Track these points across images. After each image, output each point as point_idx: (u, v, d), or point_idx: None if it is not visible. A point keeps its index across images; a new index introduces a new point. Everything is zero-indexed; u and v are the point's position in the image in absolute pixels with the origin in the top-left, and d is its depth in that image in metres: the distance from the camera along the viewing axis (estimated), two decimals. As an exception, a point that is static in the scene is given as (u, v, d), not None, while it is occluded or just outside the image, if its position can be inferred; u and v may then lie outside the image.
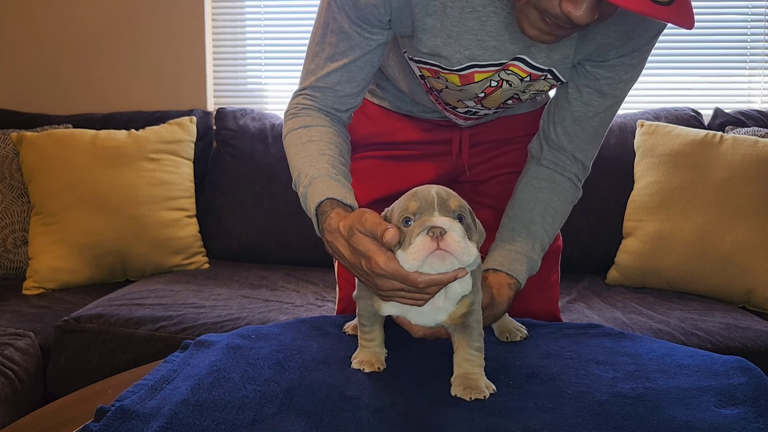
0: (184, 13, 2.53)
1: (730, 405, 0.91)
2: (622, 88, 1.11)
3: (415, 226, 0.81)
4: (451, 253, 0.79)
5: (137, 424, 0.86)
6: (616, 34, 1.03)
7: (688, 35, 2.47)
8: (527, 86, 1.07)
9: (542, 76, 1.06)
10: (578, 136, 1.14)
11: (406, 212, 0.83)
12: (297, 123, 1.08)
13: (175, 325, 1.70)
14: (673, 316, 1.77)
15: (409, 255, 0.80)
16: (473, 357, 0.91)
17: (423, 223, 0.80)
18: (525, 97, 1.12)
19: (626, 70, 1.08)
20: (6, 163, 2.21)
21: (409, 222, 0.83)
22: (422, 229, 0.80)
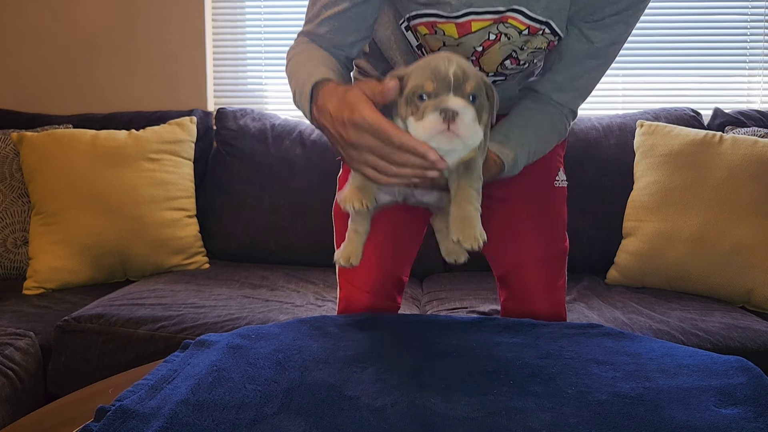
0: (184, 13, 2.53)
1: (729, 405, 0.91)
2: (614, 50, 1.14)
3: (430, 104, 0.83)
4: (459, 136, 0.82)
5: (137, 424, 0.86)
6: None
7: (688, 35, 2.47)
8: (525, 41, 1.08)
9: (540, 30, 1.06)
10: (568, 92, 1.17)
11: (422, 89, 0.84)
12: (297, 50, 1.12)
13: (175, 325, 1.70)
14: (673, 316, 1.77)
15: (420, 128, 0.83)
16: (473, 198, 0.91)
17: (438, 104, 0.82)
18: (523, 57, 1.11)
19: (621, 30, 1.10)
20: (6, 163, 2.21)
21: (423, 98, 0.84)
22: (436, 108, 0.82)
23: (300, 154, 2.28)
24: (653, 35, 2.48)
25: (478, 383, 0.97)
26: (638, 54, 2.49)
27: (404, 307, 1.89)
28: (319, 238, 2.23)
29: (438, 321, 1.27)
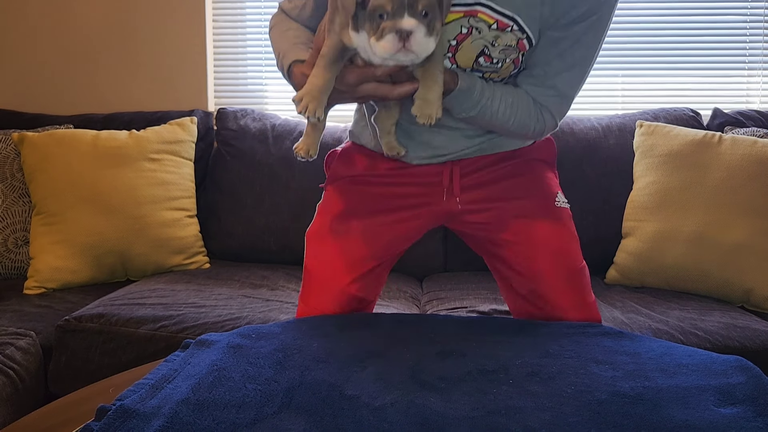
0: (184, 13, 2.53)
1: (729, 404, 0.91)
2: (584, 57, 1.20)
3: (387, 25, 0.95)
4: (414, 51, 0.96)
5: (138, 423, 0.86)
6: None
7: (687, 35, 2.47)
8: (495, 37, 1.14)
9: (508, 26, 1.13)
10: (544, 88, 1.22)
11: (381, 9, 0.96)
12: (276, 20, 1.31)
13: (175, 324, 1.70)
14: (672, 315, 1.77)
15: (379, 47, 0.97)
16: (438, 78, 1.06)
17: (394, 25, 0.95)
18: (495, 55, 1.16)
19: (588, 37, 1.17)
20: (7, 164, 2.21)
21: (383, 17, 0.96)
22: (392, 29, 0.95)
23: (300, 154, 2.28)
24: (653, 35, 2.48)
25: (478, 382, 0.97)
26: (638, 54, 2.49)
27: (404, 307, 1.89)
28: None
29: (438, 321, 1.28)
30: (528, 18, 1.14)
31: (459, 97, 1.15)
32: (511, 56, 1.17)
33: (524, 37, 1.15)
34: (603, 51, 2.50)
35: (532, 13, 1.13)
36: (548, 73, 1.21)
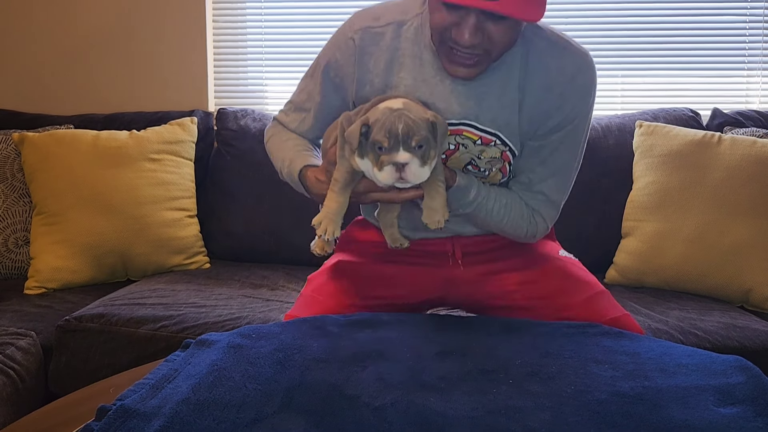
0: (185, 13, 2.53)
1: (728, 404, 0.91)
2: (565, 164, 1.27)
3: (385, 158, 1.08)
4: (408, 181, 1.09)
5: (138, 423, 0.86)
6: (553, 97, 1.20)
7: (687, 35, 2.47)
8: (480, 151, 1.23)
9: (492, 141, 1.22)
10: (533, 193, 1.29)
11: (380, 143, 1.07)
12: (272, 132, 1.41)
13: (176, 324, 1.71)
14: (672, 315, 1.77)
15: (380, 176, 1.09)
16: (440, 188, 1.16)
17: (390, 158, 1.07)
18: (482, 165, 1.25)
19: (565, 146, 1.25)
20: (8, 164, 2.21)
21: (381, 149, 1.08)
22: (389, 162, 1.07)
23: (300, 155, 2.28)
24: (653, 35, 2.48)
25: (478, 382, 0.97)
26: (637, 54, 2.49)
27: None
28: (319, 238, 2.22)
29: (438, 321, 1.28)
30: (509, 133, 1.22)
31: (456, 193, 1.21)
32: (496, 166, 1.25)
33: (507, 149, 1.24)
34: (603, 51, 2.52)
35: (512, 128, 1.22)
36: (533, 180, 1.27)
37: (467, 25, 1.06)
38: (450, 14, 1.07)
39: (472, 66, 1.13)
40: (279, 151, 1.35)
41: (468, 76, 1.15)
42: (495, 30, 1.07)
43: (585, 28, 2.48)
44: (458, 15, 1.06)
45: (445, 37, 1.10)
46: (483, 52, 1.11)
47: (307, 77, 1.36)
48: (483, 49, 1.10)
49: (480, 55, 1.11)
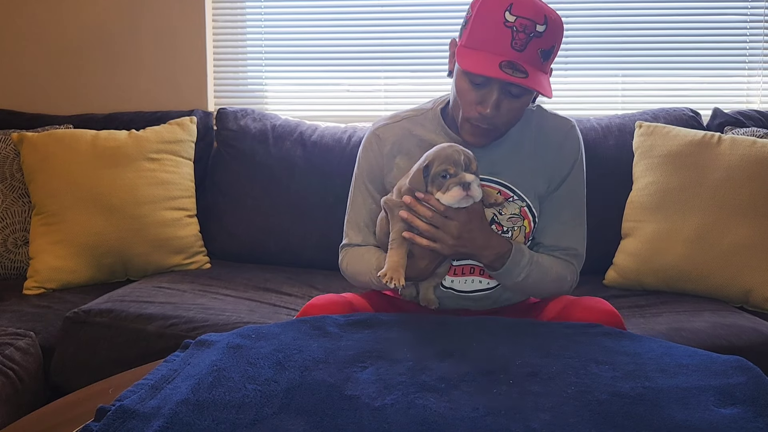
0: (184, 13, 2.53)
1: (729, 404, 0.91)
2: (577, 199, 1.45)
3: (453, 180, 1.24)
4: (473, 197, 1.25)
5: (138, 424, 0.86)
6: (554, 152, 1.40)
7: (687, 35, 2.47)
8: (500, 207, 1.37)
9: (510, 197, 1.37)
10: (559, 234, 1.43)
11: (446, 171, 1.25)
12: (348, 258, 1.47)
13: (185, 323, 1.70)
14: (672, 316, 1.77)
15: (447, 198, 1.24)
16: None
17: (459, 180, 1.24)
18: (504, 222, 1.37)
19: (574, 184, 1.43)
20: (7, 164, 2.21)
21: (446, 177, 1.24)
22: (457, 183, 1.24)
23: (300, 155, 2.28)
24: (653, 35, 2.48)
25: (478, 383, 0.97)
26: (637, 54, 2.48)
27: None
28: (318, 239, 2.23)
29: (438, 321, 1.28)
30: (524, 189, 1.38)
31: (516, 256, 1.32)
32: (517, 224, 1.38)
33: (525, 206, 1.38)
34: (603, 51, 2.52)
35: (526, 185, 1.38)
36: (559, 239, 1.42)
37: (490, 100, 1.26)
38: (476, 92, 1.27)
39: (486, 135, 1.33)
40: (361, 266, 1.42)
41: (480, 143, 1.34)
42: (509, 105, 1.28)
43: (585, 28, 2.48)
44: (483, 93, 1.26)
45: (469, 113, 1.30)
46: (495, 126, 1.31)
47: (354, 193, 1.49)
48: (495, 124, 1.30)
49: (494, 127, 1.31)
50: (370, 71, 2.58)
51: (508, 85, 1.24)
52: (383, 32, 2.57)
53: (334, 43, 2.58)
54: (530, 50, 1.22)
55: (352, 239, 1.48)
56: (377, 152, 1.44)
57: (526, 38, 1.21)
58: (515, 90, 1.25)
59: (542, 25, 1.22)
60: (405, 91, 2.57)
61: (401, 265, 1.28)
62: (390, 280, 1.25)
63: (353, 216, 1.48)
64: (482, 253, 1.30)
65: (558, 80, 2.52)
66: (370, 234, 1.45)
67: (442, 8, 2.53)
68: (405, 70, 2.57)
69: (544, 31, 1.22)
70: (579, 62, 2.51)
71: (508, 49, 1.21)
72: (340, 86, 2.61)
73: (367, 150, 1.46)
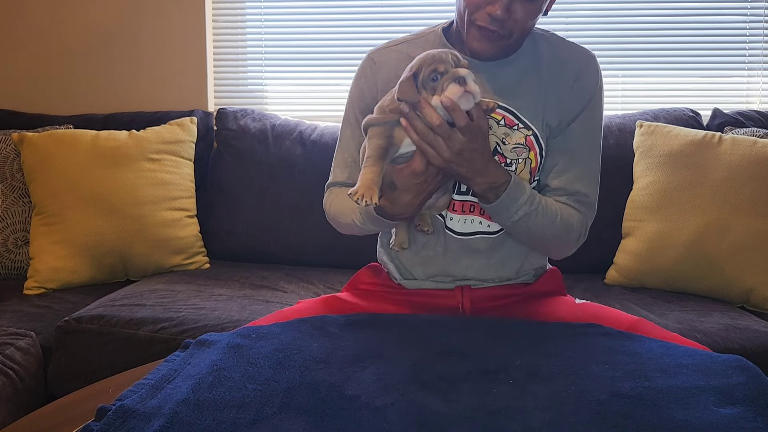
0: (184, 13, 2.53)
1: (729, 404, 0.91)
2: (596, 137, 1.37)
3: (446, 78, 1.10)
4: (472, 92, 1.10)
5: (138, 424, 0.86)
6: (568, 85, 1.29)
7: (687, 35, 2.47)
8: (504, 134, 1.26)
9: (515, 124, 1.26)
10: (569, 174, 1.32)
11: (435, 71, 1.11)
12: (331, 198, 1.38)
13: (176, 326, 1.70)
14: (672, 316, 1.77)
15: (446, 96, 1.10)
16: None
17: (452, 76, 1.10)
18: (508, 153, 1.27)
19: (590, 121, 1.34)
20: (7, 164, 2.21)
21: (437, 78, 1.11)
22: (451, 79, 1.10)
23: (300, 155, 2.28)
24: (653, 35, 2.48)
25: (478, 382, 0.97)
26: (638, 54, 2.49)
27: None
28: (319, 237, 2.23)
29: (438, 321, 1.28)
30: (531, 117, 1.27)
31: (513, 189, 1.19)
32: (522, 155, 1.27)
33: (531, 134, 1.27)
34: (603, 51, 2.53)
35: (534, 113, 1.27)
36: (568, 180, 1.31)
37: (502, 2, 1.16)
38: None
39: (495, 40, 1.22)
40: (344, 207, 1.31)
41: (490, 54, 1.24)
42: (522, 9, 1.18)
43: (585, 28, 2.48)
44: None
45: (476, 15, 1.20)
46: (507, 32, 1.20)
47: (343, 126, 1.39)
48: (507, 28, 1.20)
49: (505, 32, 1.20)
50: (370, 71, 2.58)
51: None
52: (383, 32, 2.57)
53: (334, 43, 2.59)
54: None
55: (337, 177, 1.38)
56: (371, 78, 1.34)
57: None
58: None
59: None
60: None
61: (375, 182, 1.14)
62: (361, 198, 1.12)
63: (340, 152, 1.39)
64: (475, 179, 1.17)
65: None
66: (357, 170, 1.28)
67: (442, 8, 2.53)
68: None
69: None
70: (579, 62, 2.51)
71: None
72: (340, 86, 2.61)
73: (360, 77, 1.36)
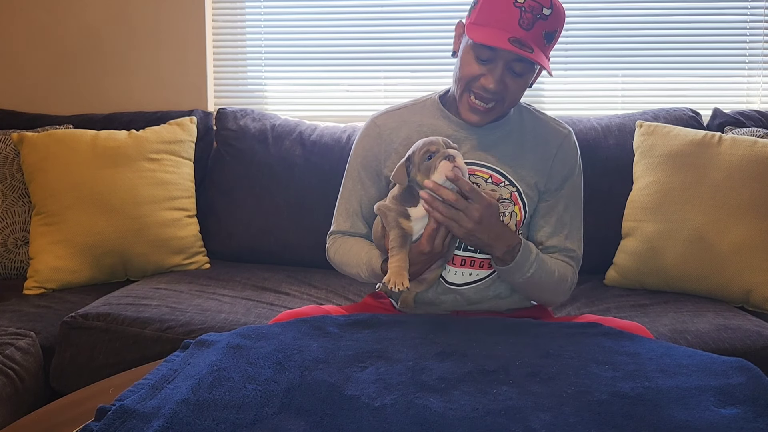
0: (184, 13, 2.53)
1: (729, 405, 0.91)
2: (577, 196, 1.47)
3: (437, 157, 1.24)
4: (461, 168, 1.24)
5: (138, 424, 0.86)
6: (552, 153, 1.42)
7: (687, 35, 2.47)
8: (492, 190, 1.37)
9: (501, 181, 1.39)
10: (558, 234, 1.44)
11: (427, 152, 1.26)
12: (335, 247, 1.50)
13: (182, 326, 1.70)
14: (671, 317, 1.77)
15: (438, 174, 1.23)
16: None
17: (442, 155, 1.24)
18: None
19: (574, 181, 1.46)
20: (7, 164, 2.21)
21: (430, 157, 1.25)
22: (442, 158, 1.23)
23: (300, 155, 2.28)
24: (653, 35, 2.48)
25: (478, 383, 0.97)
26: (638, 54, 2.49)
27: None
28: (318, 238, 2.21)
29: (438, 321, 1.28)
30: (515, 176, 1.39)
31: (525, 252, 1.33)
32: (508, 209, 1.39)
33: (515, 191, 1.39)
34: (603, 51, 2.52)
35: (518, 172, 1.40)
36: (559, 240, 1.43)
37: (495, 75, 1.30)
38: (480, 67, 1.31)
39: (486, 113, 1.35)
40: (349, 259, 1.44)
41: (481, 121, 1.37)
42: (512, 84, 1.32)
43: (585, 28, 2.48)
44: (487, 68, 1.30)
45: (470, 86, 1.33)
46: (497, 102, 1.34)
47: (345, 179, 1.50)
48: (498, 99, 1.33)
49: (495, 103, 1.34)
50: (370, 71, 2.59)
51: (512, 62, 1.29)
52: (383, 32, 2.57)
53: (333, 43, 2.58)
54: (536, 31, 1.27)
55: (340, 226, 1.49)
56: (375, 139, 1.46)
57: (533, 18, 1.27)
58: (518, 68, 1.30)
59: (548, 9, 1.28)
60: (405, 91, 2.57)
61: (404, 268, 1.27)
62: (394, 285, 1.24)
63: (342, 202, 1.50)
64: (495, 244, 1.29)
65: (558, 80, 2.52)
66: (358, 220, 1.47)
67: (442, 8, 2.53)
68: (405, 70, 2.57)
69: (550, 15, 1.28)
70: (579, 62, 2.51)
71: (516, 27, 1.26)
72: (340, 86, 2.61)
73: (364, 137, 1.48)
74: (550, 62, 1.36)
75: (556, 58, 2.48)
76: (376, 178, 1.46)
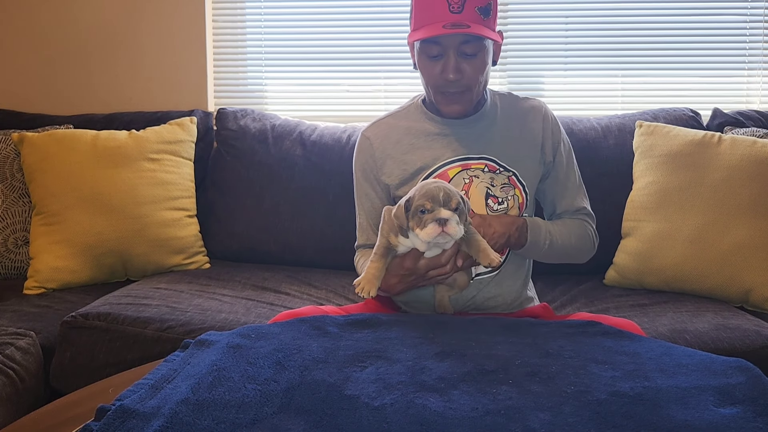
0: (184, 13, 2.53)
1: (728, 404, 0.91)
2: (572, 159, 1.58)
3: (429, 217, 1.24)
4: (450, 234, 1.24)
5: (137, 423, 0.86)
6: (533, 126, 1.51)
7: (687, 35, 2.47)
8: (491, 178, 1.44)
9: (497, 169, 1.45)
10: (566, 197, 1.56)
11: (423, 207, 1.24)
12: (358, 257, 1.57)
13: (182, 326, 1.70)
14: (671, 317, 1.77)
15: (424, 234, 1.24)
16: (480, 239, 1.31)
17: (434, 216, 1.23)
18: (498, 193, 1.45)
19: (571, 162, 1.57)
20: (7, 164, 2.21)
21: (424, 212, 1.24)
22: (433, 219, 1.23)
23: (300, 155, 2.28)
24: (653, 35, 2.48)
25: (478, 383, 0.97)
26: (637, 54, 2.49)
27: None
28: (318, 238, 2.23)
29: (438, 321, 1.28)
30: (508, 161, 1.46)
31: (531, 224, 1.42)
32: (509, 193, 1.45)
33: (511, 175, 1.46)
34: (603, 51, 2.53)
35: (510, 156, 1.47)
36: (568, 202, 1.55)
37: (450, 64, 1.37)
38: (435, 64, 1.38)
39: (461, 99, 1.43)
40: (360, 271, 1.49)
41: (461, 111, 1.44)
42: (469, 67, 1.38)
43: (585, 28, 2.48)
44: (441, 62, 1.38)
45: (437, 87, 1.41)
46: (465, 88, 1.40)
47: (355, 196, 1.58)
48: (464, 85, 1.40)
49: (464, 89, 1.41)
50: (370, 71, 2.59)
51: (460, 46, 1.36)
52: (383, 32, 2.57)
53: (333, 43, 2.59)
54: (468, 10, 1.35)
55: (359, 240, 1.58)
56: (368, 150, 1.54)
57: (461, 1, 1.35)
58: (469, 49, 1.37)
59: None
60: (404, 91, 2.57)
61: (377, 277, 1.31)
62: (362, 290, 1.29)
63: (357, 218, 1.59)
64: (509, 232, 1.38)
65: (558, 80, 2.52)
66: (371, 232, 1.53)
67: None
68: (404, 70, 2.57)
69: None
70: (579, 62, 2.51)
71: (448, 14, 1.34)
72: (340, 86, 2.61)
73: (359, 153, 1.57)
74: (550, 62, 1.38)
75: (556, 58, 2.49)
76: (377, 186, 1.53)
